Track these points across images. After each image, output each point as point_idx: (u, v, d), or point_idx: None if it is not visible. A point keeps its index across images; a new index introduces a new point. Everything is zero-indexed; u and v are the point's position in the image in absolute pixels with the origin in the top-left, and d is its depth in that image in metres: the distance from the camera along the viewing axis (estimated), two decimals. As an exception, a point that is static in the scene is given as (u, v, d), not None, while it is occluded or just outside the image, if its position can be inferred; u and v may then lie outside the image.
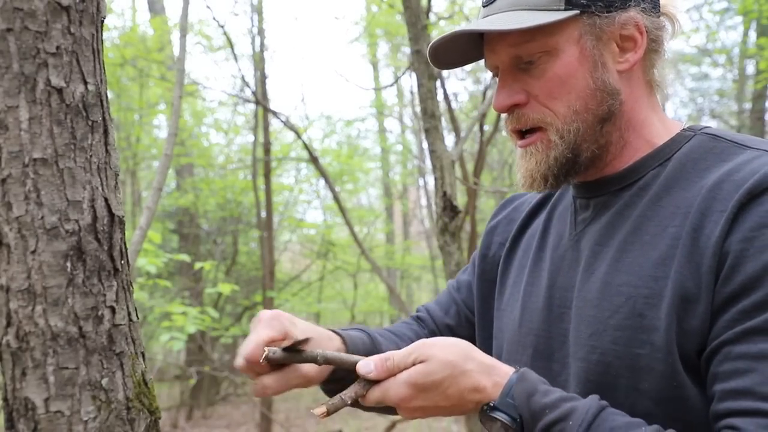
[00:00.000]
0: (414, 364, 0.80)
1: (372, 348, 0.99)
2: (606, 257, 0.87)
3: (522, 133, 0.93)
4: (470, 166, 5.62)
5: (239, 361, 0.86)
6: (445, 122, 6.11)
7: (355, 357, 0.84)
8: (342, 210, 6.40)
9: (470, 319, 1.14)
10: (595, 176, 0.94)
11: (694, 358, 0.77)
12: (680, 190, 0.83)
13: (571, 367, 0.88)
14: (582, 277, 0.89)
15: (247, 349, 0.85)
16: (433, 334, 1.11)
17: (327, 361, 0.84)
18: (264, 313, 0.90)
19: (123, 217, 0.88)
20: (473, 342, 0.94)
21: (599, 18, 0.87)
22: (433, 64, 0.97)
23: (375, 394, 0.81)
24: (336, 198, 6.42)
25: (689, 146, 0.88)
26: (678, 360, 0.77)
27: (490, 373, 0.80)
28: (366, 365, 0.82)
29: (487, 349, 1.06)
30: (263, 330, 0.87)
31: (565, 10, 0.86)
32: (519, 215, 1.11)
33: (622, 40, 0.89)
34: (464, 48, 0.96)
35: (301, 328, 0.90)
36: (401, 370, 0.81)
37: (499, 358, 0.96)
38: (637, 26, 0.89)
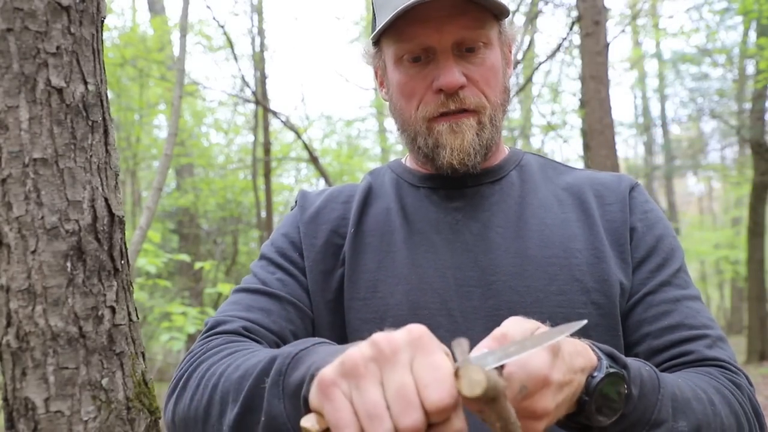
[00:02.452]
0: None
1: None
2: (516, 236, 0.95)
3: (445, 116, 0.95)
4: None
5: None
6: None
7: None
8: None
9: (310, 317, 0.98)
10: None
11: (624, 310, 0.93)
12: (542, 188, 1.02)
13: None
14: (495, 255, 0.94)
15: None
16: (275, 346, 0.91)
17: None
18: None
19: (123, 217, 0.88)
20: None
21: (504, 29, 1.00)
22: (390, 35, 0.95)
23: (518, 374, 0.59)
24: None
25: (529, 158, 1.08)
26: (619, 313, 0.91)
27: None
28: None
29: (339, 339, 0.95)
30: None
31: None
32: (344, 206, 1.05)
33: (505, 54, 1.02)
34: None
35: None
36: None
37: None
38: (510, 47, 1.03)
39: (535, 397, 0.60)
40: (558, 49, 7.50)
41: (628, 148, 21.17)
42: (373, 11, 1.01)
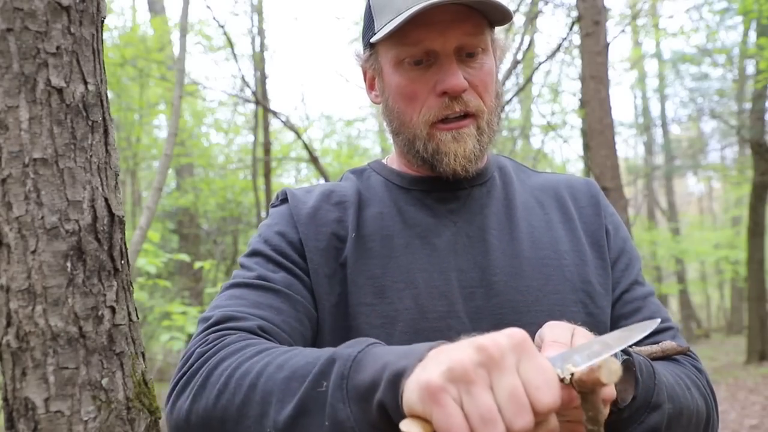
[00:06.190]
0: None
1: None
2: (510, 238, 0.99)
3: (443, 121, 0.97)
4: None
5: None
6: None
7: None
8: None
9: (316, 320, 0.96)
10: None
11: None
12: (520, 189, 1.07)
13: None
14: (494, 257, 0.97)
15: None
16: None
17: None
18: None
19: (123, 217, 0.88)
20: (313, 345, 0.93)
21: (495, 36, 1.01)
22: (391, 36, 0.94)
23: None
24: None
25: (504, 161, 1.12)
26: (600, 312, 0.97)
27: None
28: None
29: (340, 343, 0.91)
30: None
31: None
32: (338, 207, 1.02)
33: (496, 61, 1.03)
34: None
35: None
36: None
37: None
38: (499, 54, 1.04)
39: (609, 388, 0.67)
40: (558, 49, 7.50)
41: (628, 148, 21.17)
42: (370, 14, 1.01)
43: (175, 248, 10.07)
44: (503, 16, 0.96)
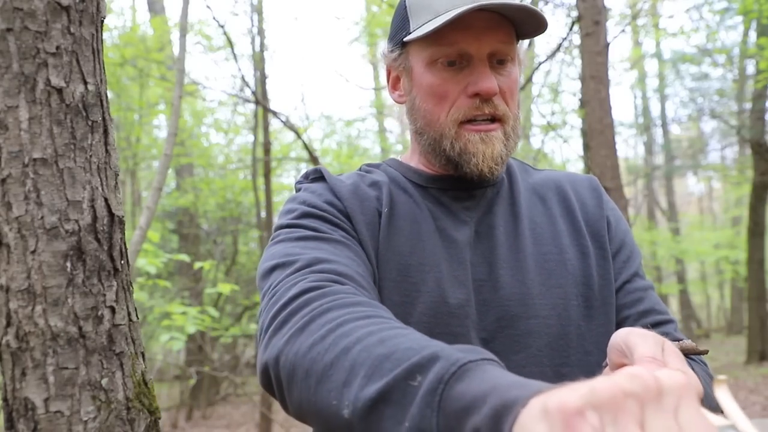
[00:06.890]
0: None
1: None
2: (515, 234, 1.04)
3: (471, 122, 1.00)
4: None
5: None
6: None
7: None
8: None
9: (375, 278, 0.96)
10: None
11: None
12: (523, 187, 1.11)
13: (517, 327, 0.97)
14: (500, 252, 1.01)
15: None
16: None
17: None
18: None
19: (123, 217, 0.88)
20: None
21: (518, 49, 1.04)
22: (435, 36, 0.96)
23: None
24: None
25: (510, 161, 1.15)
26: (600, 304, 1.00)
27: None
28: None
29: None
30: None
31: None
32: (372, 188, 1.04)
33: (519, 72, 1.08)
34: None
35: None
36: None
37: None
38: (519, 64, 1.07)
39: None
40: (558, 49, 7.50)
41: (628, 148, 21.17)
42: (404, 14, 1.04)
43: (175, 248, 10.07)
44: (536, 27, 0.98)
